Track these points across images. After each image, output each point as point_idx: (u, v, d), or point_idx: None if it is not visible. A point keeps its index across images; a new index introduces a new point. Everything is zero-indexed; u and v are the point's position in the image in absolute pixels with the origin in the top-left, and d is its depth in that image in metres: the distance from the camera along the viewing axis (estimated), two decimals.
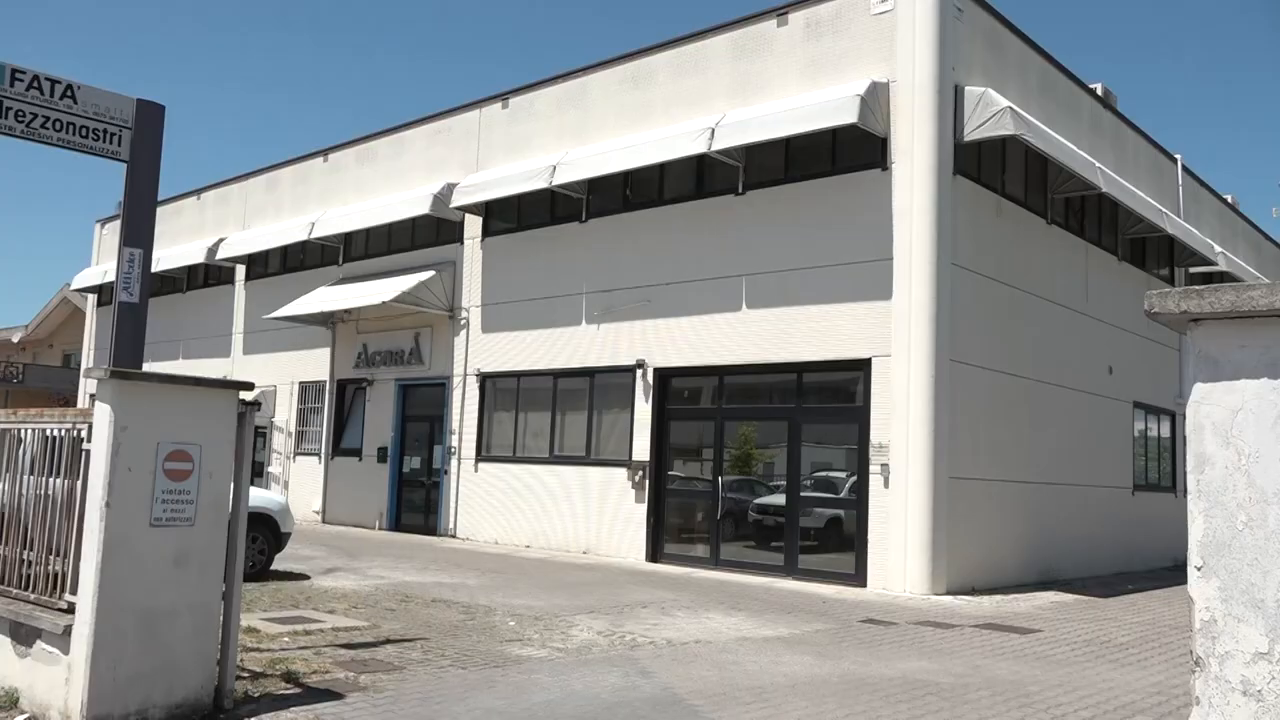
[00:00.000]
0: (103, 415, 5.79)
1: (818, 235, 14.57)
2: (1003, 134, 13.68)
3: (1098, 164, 16.24)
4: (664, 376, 16.32)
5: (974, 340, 14.10)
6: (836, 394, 14.43)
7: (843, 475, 14.23)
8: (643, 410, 16.40)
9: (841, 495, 14.18)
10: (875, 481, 13.57)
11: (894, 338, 13.60)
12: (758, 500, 15.27)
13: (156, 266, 24.95)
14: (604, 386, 17.24)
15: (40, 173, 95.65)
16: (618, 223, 17.26)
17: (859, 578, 13.57)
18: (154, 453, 5.82)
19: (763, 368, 15.03)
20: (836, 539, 14.16)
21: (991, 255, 14.62)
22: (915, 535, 13.17)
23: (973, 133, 13.75)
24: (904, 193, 13.76)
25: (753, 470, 15.59)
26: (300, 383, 23.22)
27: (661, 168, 16.58)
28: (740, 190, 15.59)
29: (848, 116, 13.79)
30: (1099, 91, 18.13)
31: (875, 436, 13.62)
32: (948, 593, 13.10)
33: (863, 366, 13.89)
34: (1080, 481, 16.77)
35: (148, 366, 17.28)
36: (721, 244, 15.72)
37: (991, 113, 13.64)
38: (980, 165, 14.56)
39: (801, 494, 14.53)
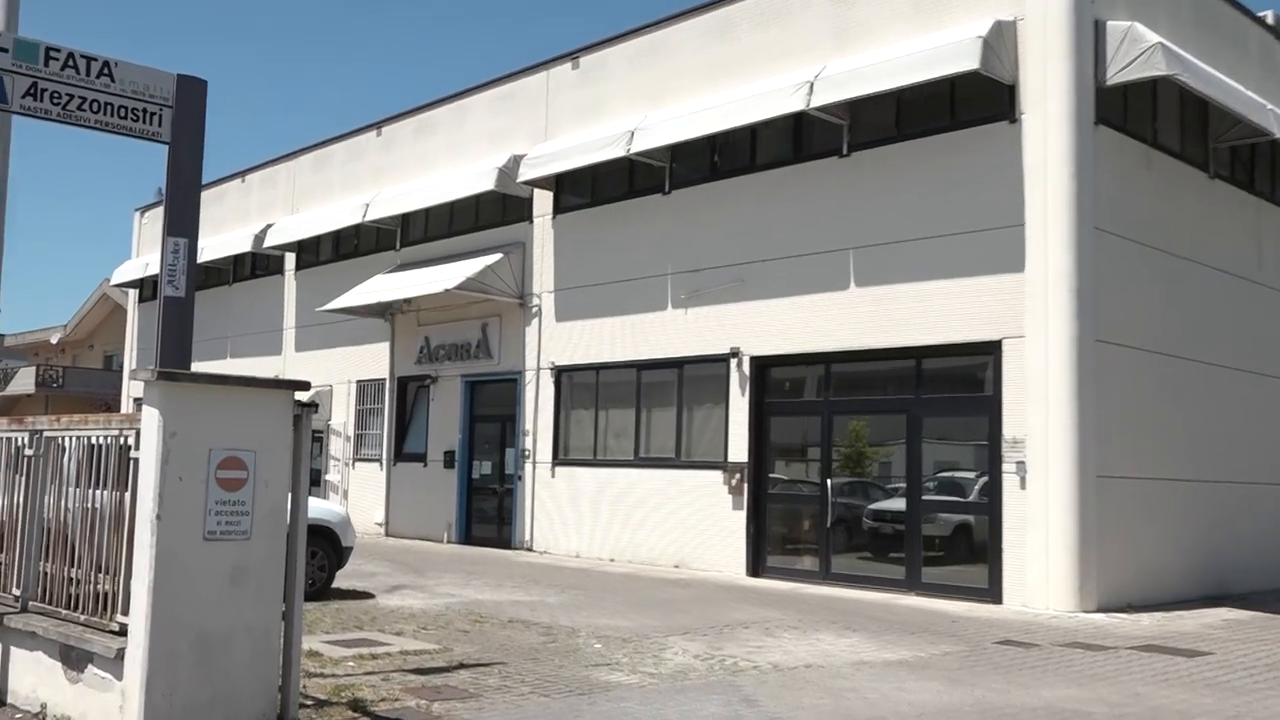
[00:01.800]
0: (151, 420, 5.99)
1: (936, 200, 14.31)
2: (1153, 75, 13.22)
3: (1269, 105, 15.59)
4: (762, 366, 16.24)
5: (1122, 316, 13.70)
6: (962, 382, 14.17)
7: (971, 475, 13.99)
8: (739, 405, 16.35)
9: (970, 498, 13.95)
10: (1010, 482, 13.30)
11: (1028, 315, 13.29)
12: (873, 505, 15.14)
13: (200, 257, 25.77)
14: (694, 379, 17.24)
15: (74, 158, 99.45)
16: (705, 193, 17.21)
17: (993, 593, 13.33)
18: (206, 460, 6.01)
19: (875, 353, 14.84)
20: (965, 549, 13.94)
21: (1142, 216, 14.18)
22: (1059, 543, 12.88)
23: (1117, 75, 13.33)
24: (1037, 147, 13.42)
25: (866, 471, 15.47)
26: (358, 381, 23.76)
27: (753, 130, 16.47)
28: (844, 152, 15.40)
29: (968, 62, 13.49)
30: (1270, 21, 17.39)
31: (1009, 430, 13.34)
32: (1098, 610, 12.78)
33: (992, 350, 13.62)
34: (1253, 478, 16.18)
35: (194, 367, 17.87)
36: (824, 214, 15.56)
37: (1139, 51, 13.19)
38: (1126, 112, 14.11)
39: (923, 497, 14.34)
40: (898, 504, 14.60)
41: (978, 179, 13.92)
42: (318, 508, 12.64)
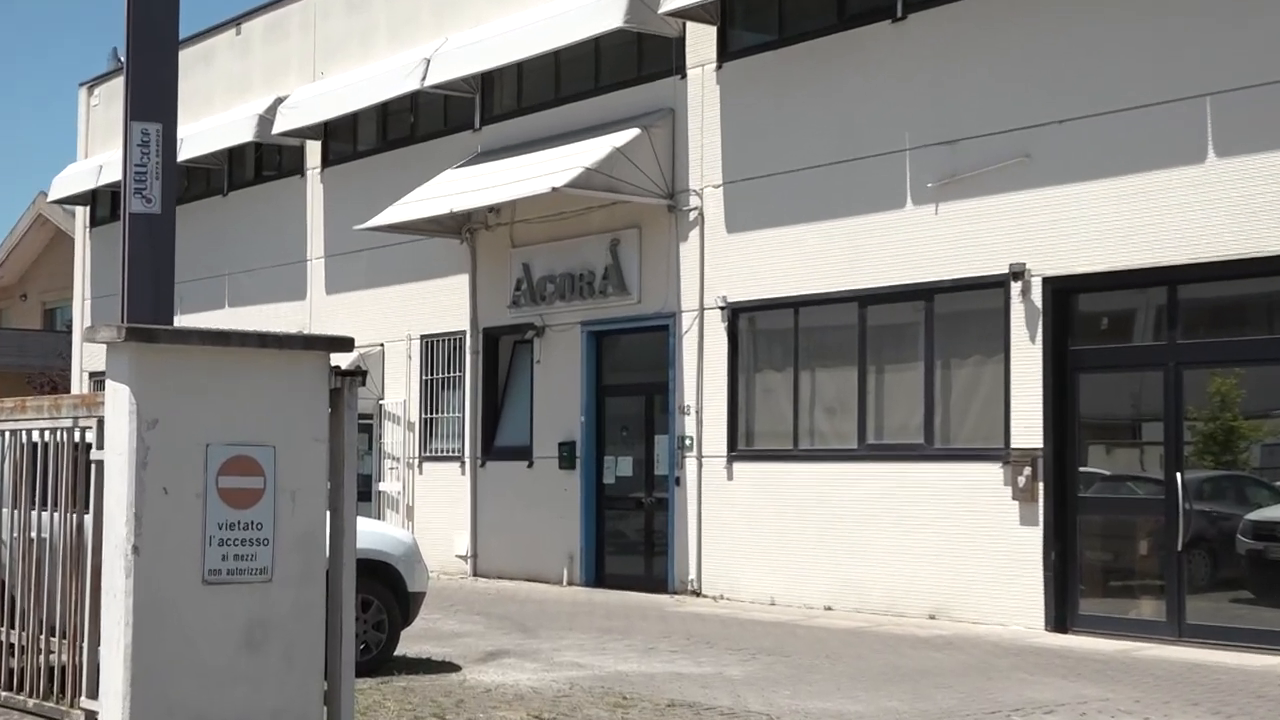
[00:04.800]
0: (119, 405, 6.19)
1: None
2: None
3: None
4: (1063, 292, 15.89)
5: None
6: None
7: None
8: (1026, 355, 16.02)
9: None
10: None
11: None
12: (1255, 515, 14.77)
13: (181, 153, 26.48)
14: (951, 317, 16.99)
15: None
16: (963, 15, 16.87)
17: None
18: (202, 462, 6.18)
19: (1253, 266, 14.39)
20: None
21: None
22: None
23: None
24: None
25: (1241, 460, 15.12)
26: (423, 337, 24.16)
27: None
28: None
29: None
30: None
31: None
32: None
33: None
34: None
35: (179, 321, 18.29)
36: (1158, 37, 15.09)
37: None
38: None
39: None
40: None
41: None
42: (371, 533, 12.86)
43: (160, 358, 6.19)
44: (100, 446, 6.42)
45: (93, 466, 6.49)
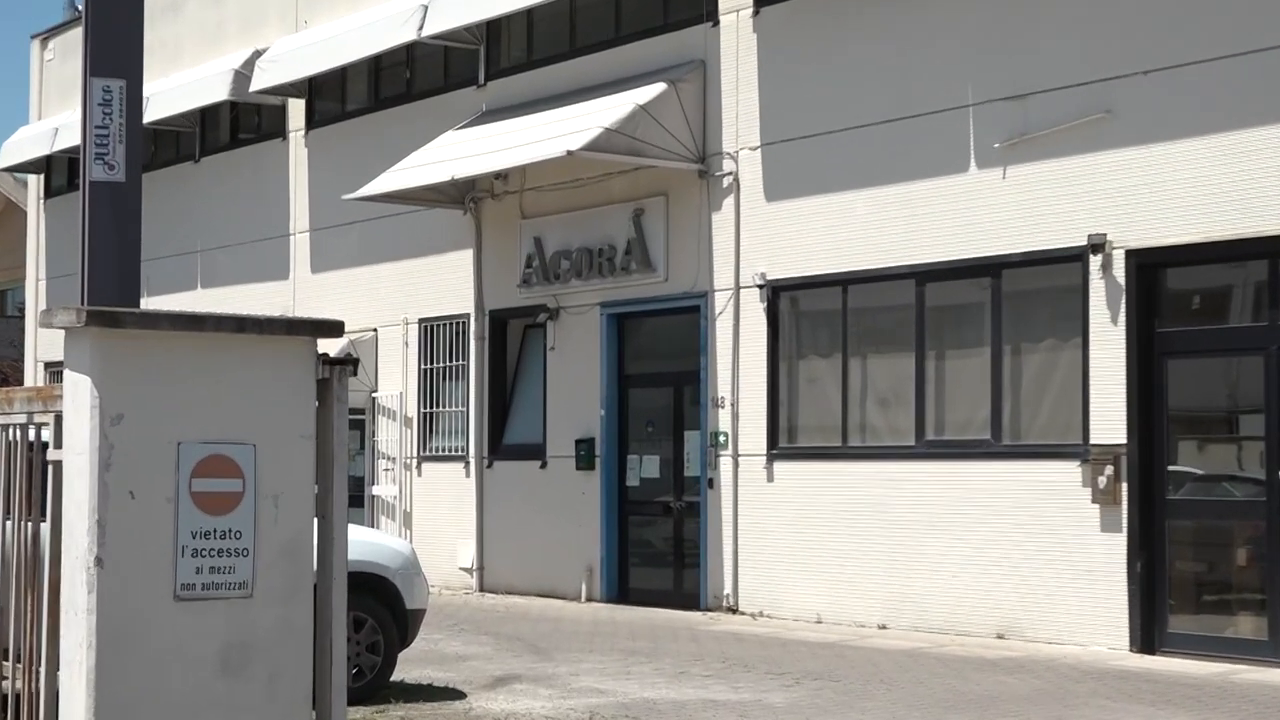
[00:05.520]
0: (79, 397, 6.20)
1: None
2: None
3: None
4: (1149, 267, 15.86)
5: None
6: None
7: None
8: (1107, 338, 15.99)
9: None
10: None
11: None
12: None
13: (148, 113, 26.51)
14: (1021, 295, 16.99)
15: None
16: None
17: None
18: (173, 462, 6.18)
19: None
20: None
21: None
22: None
23: None
24: None
25: None
26: (421, 321, 24.23)
27: None
28: None
29: None
30: None
31: None
32: None
33: None
34: None
35: (147, 303, 18.29)
36: None
37: None
38: None
39: None
40: None
41: None
42: (364, 543, 12.90)
43: (126, 345, 6.19)
44: (58, 446, 6.43)
45: (49, 468, 6.50)
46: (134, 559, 6.13)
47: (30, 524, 6.71)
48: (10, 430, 6.87)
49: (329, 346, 6.73)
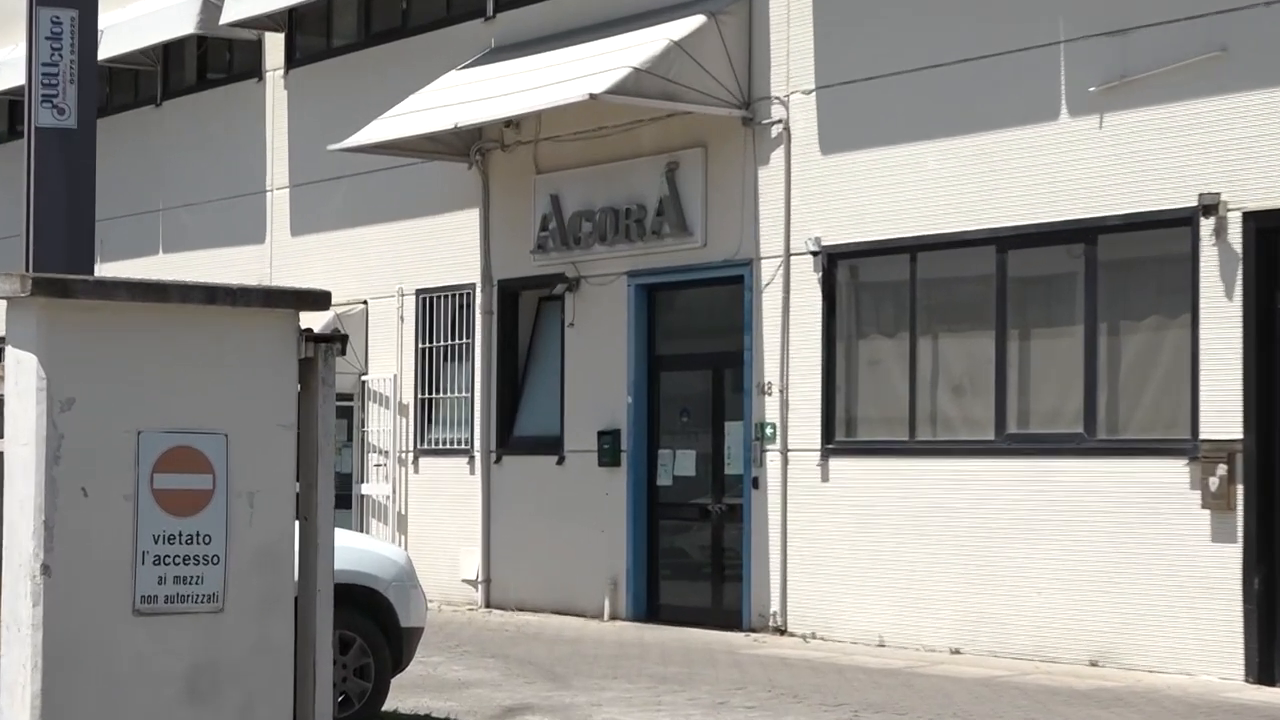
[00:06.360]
0: (24, 379, 6.22)
1: None
2: None
3: None
4: (1271, 231, 15.80)
5: None
6: None
7: None
8: (1221, 316, 15.94)
9: None
10: None
11: None
12: None
13: (103, 49, 26.53)
14: (1119, 265, 16.99)
15: None
16: None
17: None
18: (132, 455, 6.20)
19: None
20: None
21: None
22: None
23: None
24: None
25: None
26: (419, 293, 24.27)
27: None
28: None
29: None
30: None
31: None
32: None
33: None
34: None
35: (101, 270, 18.14)
36: None
37: None
38: None
39: None
40: None
41: None
42: (353, 551, 12.87)
43: (78, 318, 6.21)
44: None
45: None
46: (87, 567, 6.15)
47: None
48: None
49: (313, 321, 6.73)
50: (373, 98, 23.79)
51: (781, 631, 19.37)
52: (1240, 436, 15.77)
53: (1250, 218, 15.80)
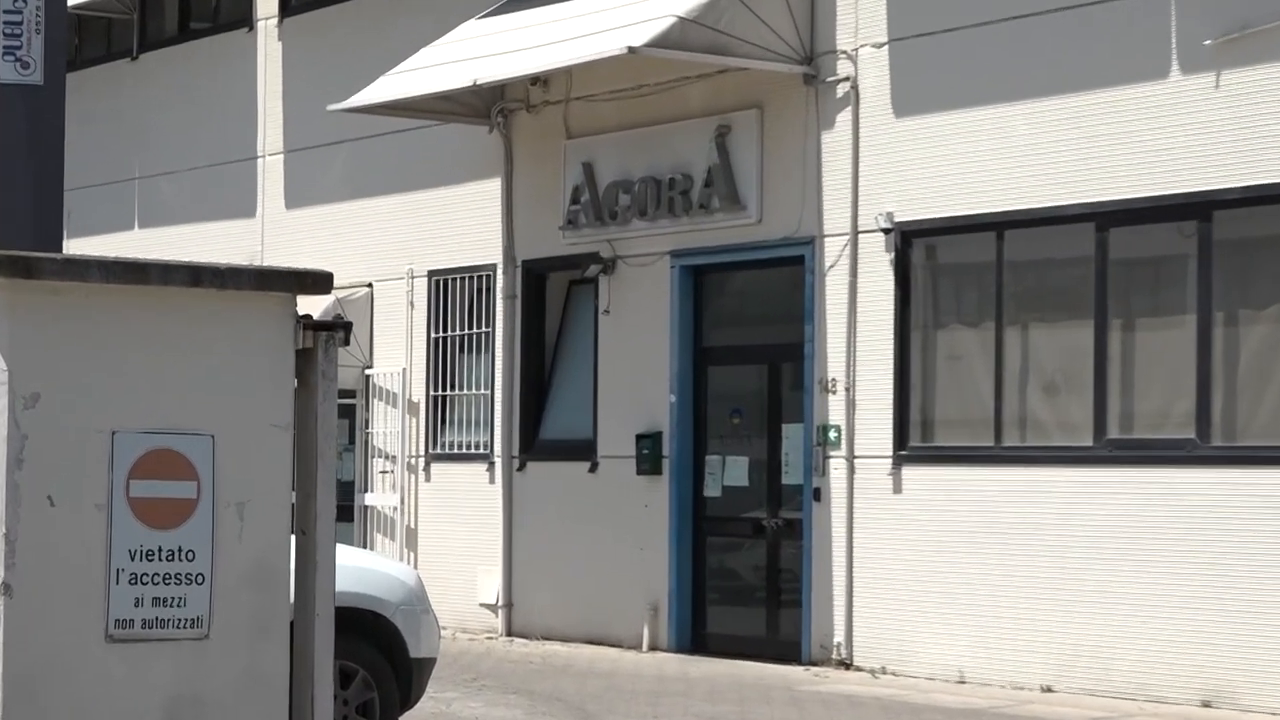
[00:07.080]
0: None
1: None
2: None
3: None
4: None
5: None
6: None
7: None
8: None
9: None
10: None
11: None
12: None
13: None
14: (1238, 245, 17.04)
15: None
16: None
17: None
18: (105, 459, 6.19)
19: None
20: None
21: None
22: None
23: None
24: None
25: None
26: (432, 275, 24.34)
27: None
28: None
29: None
30: None
31: None
32: None
33: None
34: None
35: (70, 247, 18.24)
36: None
37: None
38: None
39: None
40: None
41: None
42: (356, 569, 12.96)
43: (44, 302, 6.20)
44: None
45: None
46: (53, 586, 6.15)
47: None
48: None
49: (312, 306, 6.71)
50: (379, 50, 23.89)
51: (847, 665, 19.37)
52: None
53: None
